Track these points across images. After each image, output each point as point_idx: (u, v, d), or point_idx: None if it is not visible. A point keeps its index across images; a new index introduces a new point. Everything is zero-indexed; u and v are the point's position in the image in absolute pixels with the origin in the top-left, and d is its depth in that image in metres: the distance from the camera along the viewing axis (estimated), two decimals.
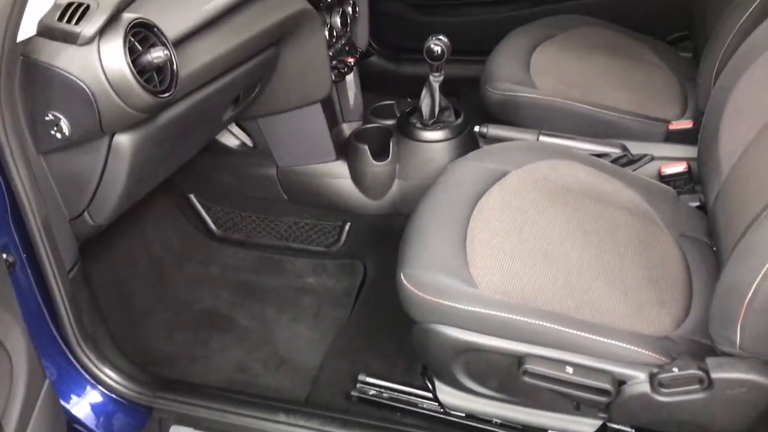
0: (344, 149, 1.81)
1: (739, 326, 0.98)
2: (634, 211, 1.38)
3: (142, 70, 1.06)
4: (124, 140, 1.15)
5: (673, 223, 1.35)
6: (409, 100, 1.89)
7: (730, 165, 1.26)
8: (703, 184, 1.38)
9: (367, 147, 1.74)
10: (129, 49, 1.04)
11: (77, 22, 1.01)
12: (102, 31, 1.03)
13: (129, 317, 1.69)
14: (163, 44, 1.10)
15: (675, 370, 1.03)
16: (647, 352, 1.08)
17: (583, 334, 1.10)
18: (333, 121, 1.85)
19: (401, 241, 1.31)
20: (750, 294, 0.94)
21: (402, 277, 1.21)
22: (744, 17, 1.48)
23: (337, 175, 1.79)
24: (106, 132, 1.12)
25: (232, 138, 1.80)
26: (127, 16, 1.06)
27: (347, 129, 1.89)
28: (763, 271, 0.93)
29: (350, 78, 1.90)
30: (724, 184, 1.26)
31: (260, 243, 1.92)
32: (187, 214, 1.93)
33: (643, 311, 1.17)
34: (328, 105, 1.77)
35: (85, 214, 1.23)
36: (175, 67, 1.11)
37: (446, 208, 1.34)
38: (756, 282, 0.93)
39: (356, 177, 1.79)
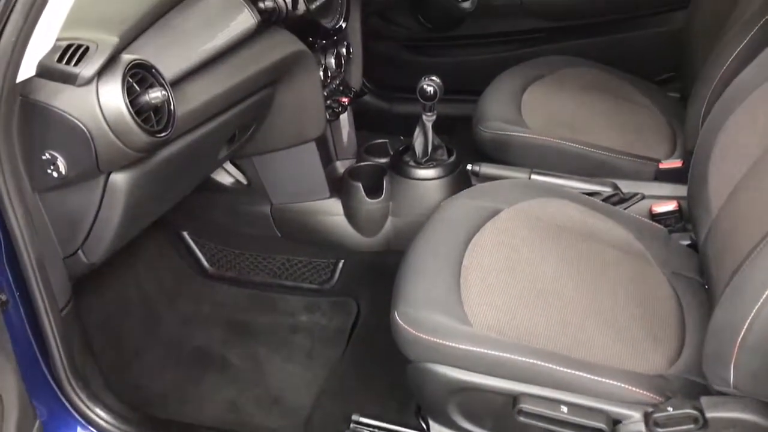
0: (338, 187, 1.83)
1: (732, 365, 0.98)
2: (627, 250, 1.39)
3: (139, 110, 1.07)
4: (119, 179, 1.16)
5: (665, 261, 1.36)
6: (402, 138, 1.92)
7: (720, 205, 1.27)
8: (694, 223, 1.39)
9: (360, 185, 1.76)
10: (127, 89, 1.06)
11: (76, 64, 1.03)
12: (101, 72, 1.04)
13: (120, 356, 1.68)
14: (161, 84, 1.11)
15: (670, 409, 1.03)
16: (642, 391, 1.08)
17: (577, 373, 1.10)
18: (327, 159, 1.87)
19: (395, 279, 1.32)
20: (742, 333, 0.95)
21: (396, 316, 1.21)
22: (729, 60, 1.51)
23: (331, 212, 1.80)
24: (102, 171, 1.13)
25: (227, 176, 1.81)
26: (126, 57, 1.07)
27: (341, 167, 1.91)
28: (754, 310, 0.93)
29: (344, 117, 1.92)
30: (713, 223, 1.28)
31: (253, 281, 1.92)
32: (180, 252, 1.93)
33: (637, 350, 1.17)
34: (322, 143, 1.79)
35: (80, 252, 1.23)
36: (172, 106, 1.12)
37: (440, 246, 1.35)
38: (748, 321, 0.94)
39: (350, 214, 1.80)
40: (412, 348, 1.18)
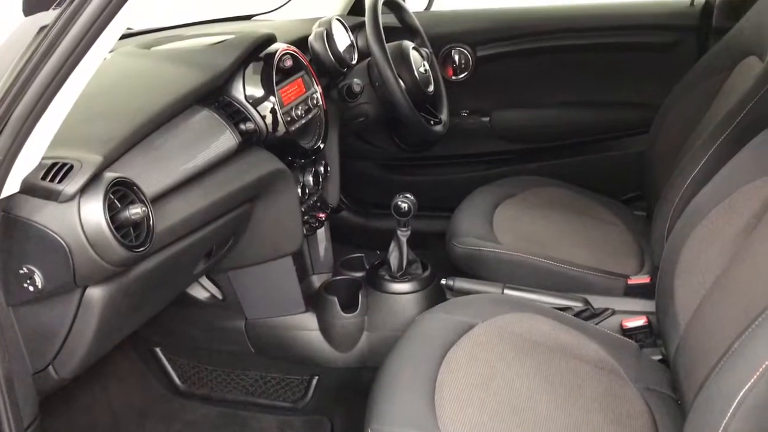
0: (313, 301, 1.83)
1: None
2: (599, 365, 1.40)
3: (119, 226, 1.10)
4: (95, 293, 1.16)
5: (637, 376, 1.37)
6: (377, 252, 1.95)
7: (687, 319, 1.30)
8: (663, 338, 1.42)
9: (336, 299, 1.77)
10: (109, 205, 1.08)
11: (60, 181, 1.06)
12: (84, 189, 1.07)
13: None
14: (142, 201, 1.14)
15: None
16: None
17: None
18: (303, 273, 1.89)
19: (369, 396, 1.31)
20: None
21: None
22: (688, 182, 1.59)
23: (306, 327, 1.80)
24: (79, 285, 1.14)
25: (201, 290, 1.81)
26: (109, 174, 1.11)
27: (317, 281, 1.93)
28: (722, 426, 0.94)
29: (321, 232, 1.96)
30: (682, 338, 1.30)
31: (225, 398, 1.88)
32: (151, 368, 1.89)
33: None
34: (298, 257, 1.82)
35: (50, 368, 1.21)
36: (151, 222, 1.15)
37: (414, 361, 1.35)
38: None
39: (325, 329, 1.79)
40: None
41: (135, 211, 1.09)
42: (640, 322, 1.57)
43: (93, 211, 1.06)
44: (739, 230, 1.26)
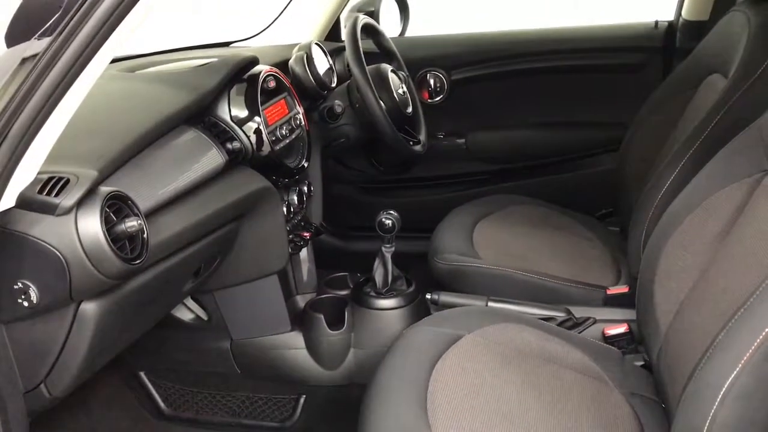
0: (299, 320, 1.84)
1: None
2: (584, 372, 1.43)
3: (115, 239, 1.11)
4: (90, 308, 1.16)
5: (621, 382, 1.41)
6: (358, 274, 1.97)
7: (667, 324, 1.35)
8: (645, 344, 1.46)
9: (322, 316, 1.78)
10: (104, 218, 1.09)
11: (57, 195, 1.07)
12: (80, 203, 1.08)
13: None
14: (136, 215, 1.15)
15: None
16: None
17: None
18: (287, 293, 1.89)
19: (361, 410, 1.32)
20: None
21: None
22: (661, 193, 1.65)
23: (292, 345, 1.80)
24: (74, 299, 1.14)
25: (186, 312, 1.81)
26: (104, 189, 1.12)
27: (301, 300, 1.94)
28: (710, 415, 0.98)
29: (304, 252, 1.98)
30: (663, 342, 1.34)
31: (211, 421, 1.86)
32: (136, 393, 1.87)
33: None
34: (282, 277, 1.82)
35: (42, 386, 1.20)
36: (146, 235, 1.16)
37: (404, 373, 1.36)
38: (706, 426, 0.98)
39: (311, 347, 1.80)
40: None
41: (131, 223, 1.10)
42: (621, 329, 1.61)
43: (90, 224, 1.07)
44: (715, 235, 1.32)
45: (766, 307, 1.00)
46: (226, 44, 2.38)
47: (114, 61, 1.89)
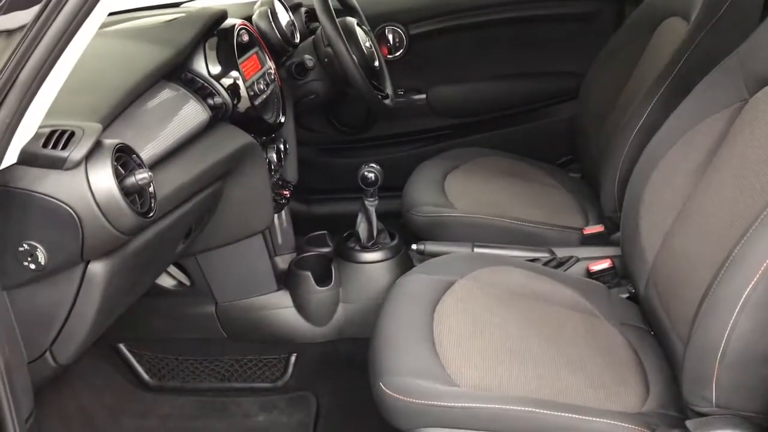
0: (284, 279, 1.82)
1: (714, 384, 1.06)
2: (576, 307, 1.48)
3: (126, 192, 1.06)
4: (98, 268, 1.11)
5: (611, 314, 1.47)
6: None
7: (654, 254, 1.41)
8: (631, 276, 1.52)
9: (310, 273, 1.77)
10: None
11: (63, 148, 1.01)
12: (88, 156, 1.03)
13: None
14: (143, 168, 1.11)
15: None
16: (630, 426, 1.14)
17: (571, 415, 1.15)
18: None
19: (370, 355, 1.32)
20: (721, 349, 1.04)
21: (382, 386, 1.21)
22: (633, 133, 1.71)
23: (280, 305, 1.78)
24: (85, 258, 1.08)
25: (167, 278, 1.75)
26: (110, 141, 1.07)
27: (281, 262, 1.91)
28: (729, 326, 1.03)
29: (282, 213, 1.95)
30: (651, 273, 1.41)
31: (199, 387, 1.83)
32: (117, 366, 1.81)
33: (611, 392, 1.24)
34: (266, 237, 1.80)
35: (47, 354, 1.14)
36: (152, 188, 1.12)
37: (407, 318, 1.38)
38: (725, 337, 1.04)
39: (300, 305, 1.79)
40: (404, 416, 1.19)
41: (142, 176, 1.06)
42: (605, 264, 1.67)
43: (102, 178, 1.01)
44: (698, 165, 1.38)
45: None
46: (177, 4, 2.28)
47: None
